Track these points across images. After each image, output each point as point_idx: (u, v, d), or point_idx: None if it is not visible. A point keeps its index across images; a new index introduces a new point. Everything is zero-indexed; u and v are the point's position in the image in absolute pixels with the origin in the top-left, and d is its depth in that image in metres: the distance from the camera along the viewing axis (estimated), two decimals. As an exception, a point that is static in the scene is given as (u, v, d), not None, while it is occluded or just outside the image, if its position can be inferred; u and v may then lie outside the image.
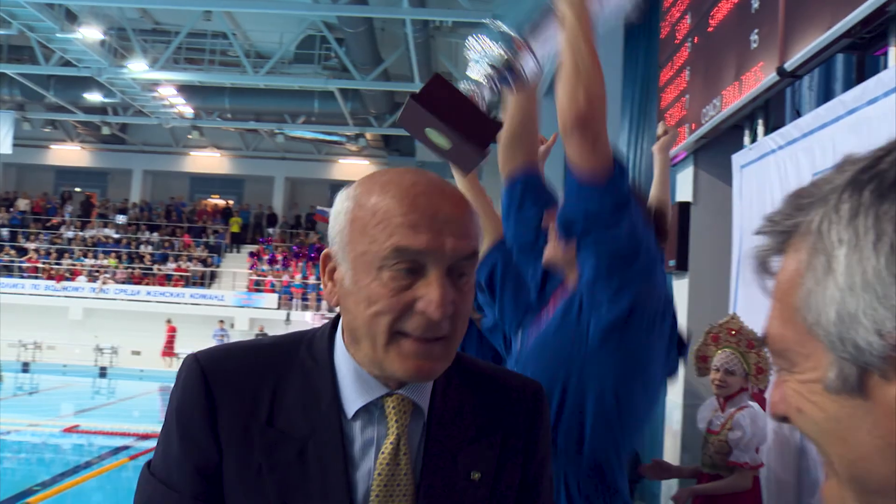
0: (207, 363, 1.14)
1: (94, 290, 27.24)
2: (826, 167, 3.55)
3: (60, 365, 24.26)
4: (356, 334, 1.10)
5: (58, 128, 29.89)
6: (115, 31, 20.11)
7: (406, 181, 1.09)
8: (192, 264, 28.90)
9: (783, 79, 3.94)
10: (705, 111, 5.05)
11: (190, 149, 31.44)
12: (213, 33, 21.60)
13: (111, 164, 32.50)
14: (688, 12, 5.59)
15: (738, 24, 4.50)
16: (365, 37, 18.48)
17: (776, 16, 3.96)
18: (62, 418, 15.13)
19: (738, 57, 4.49)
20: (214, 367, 1.14)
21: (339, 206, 1.12)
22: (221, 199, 33.34)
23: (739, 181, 4.67)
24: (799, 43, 3.71)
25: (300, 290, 27.26)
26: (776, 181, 4.08)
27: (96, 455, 11.85)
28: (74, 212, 31.72)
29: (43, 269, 28.15)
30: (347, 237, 1.08)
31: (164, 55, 20.62)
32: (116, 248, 29.52)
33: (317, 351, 1.15)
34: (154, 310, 26.58)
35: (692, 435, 4.93)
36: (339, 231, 1.10)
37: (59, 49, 19.11)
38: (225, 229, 30.98)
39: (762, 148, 4.31)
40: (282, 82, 22.45)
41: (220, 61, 22.34)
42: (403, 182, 1.09)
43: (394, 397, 1.12)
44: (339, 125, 26.30)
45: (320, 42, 21.57)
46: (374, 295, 1.05)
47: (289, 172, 32.20)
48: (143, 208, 31.85)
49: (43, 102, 25.38)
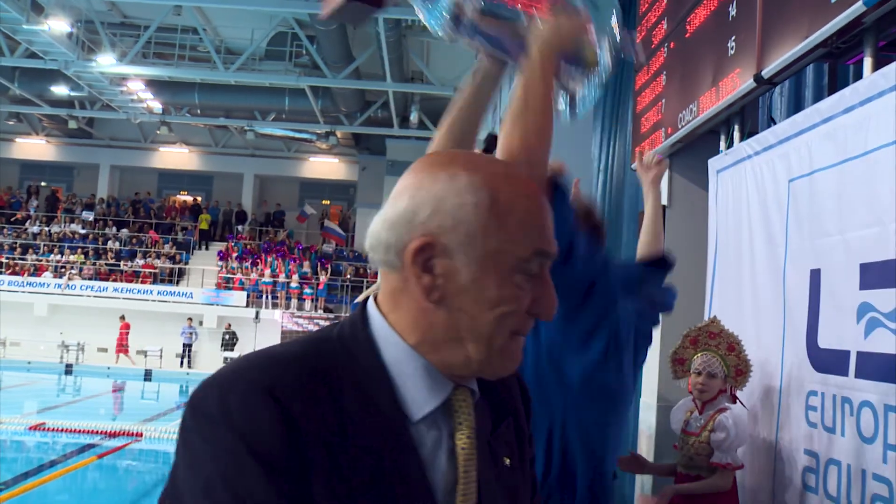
0: (267, 380, 0.96)
1: (60, 287, 26.87)
2: (802, 174, 3.62)
3: (25, 362, 23.91)
4: (461, 334, 1.01)
5: (23, 121, 29.47)
6: (83, 23, 19.86)
7: (522, 175, 1.06)
8: (161, 261, 28.63)
9: (760, 86, 4.00)
10: (681, 116, 5.11)
11: (158, 144, 31.14)
12: (182, 28, 21.41)
13: (78, 159, 32.11)
14: (664, 17, 5.65)
15: (716, 31, 4.57)
16: (336, 35, 18.44)
17: (754, 23, 4.03)
18: (27, 416, 14.91)
19: (715, 63, 4.55)
20: (278, 384, 0.96)
21: (461, 195, 1.01)
22: (190, 196, 33.07)
23: (716, 185, 4.73)
24: (776, 51, 3.77)
25: (269, 286, 27.11)
26: (752, 186, 4.15)
27: (63, 453, 11.72)
28: (40, 206, 31.27)
29: (7, 264, 27.71)
30: (478, 231, 0.99)
31: (133, 49, 20.41)
32: (83, 243, 29.15)
33: (359, 353, 1.03)
34: (121, 306, 26.27)
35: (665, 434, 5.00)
36: (460, 222, 0.99)
37: (25, 41, 18.83)
38: (194, 226, 30.72)
39: (738, 153, 4.37)
40: (252, 79, 22.33)
41: (189, 56, 22.16)
42: (521, 177, 1.06)
43: (461, 391, 1.06)
44: (310, 123, 26.20)
45: (292, 39, 21.48)
46: (505, 296, 1.00)
47: (258, 170, 32.02)
48: (111, 204, 31.48)
49: (7, 95, 25.00)
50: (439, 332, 1.02)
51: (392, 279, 1.05)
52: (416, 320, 1.03)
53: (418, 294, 1.02)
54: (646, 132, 5.97)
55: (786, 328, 3.66)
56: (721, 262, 4.63)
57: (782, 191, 3.80)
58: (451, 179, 1.01)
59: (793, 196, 3.70)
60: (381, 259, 1.04)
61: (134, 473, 11.50)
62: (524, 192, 1.03)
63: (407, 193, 1.03)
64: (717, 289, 4.64)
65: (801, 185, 3.62)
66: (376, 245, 1.04)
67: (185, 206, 32.21)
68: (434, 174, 1.03)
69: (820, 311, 3.34)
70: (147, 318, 26.00)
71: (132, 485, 10.71)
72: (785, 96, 5.15)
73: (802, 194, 3.59)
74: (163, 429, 13.63)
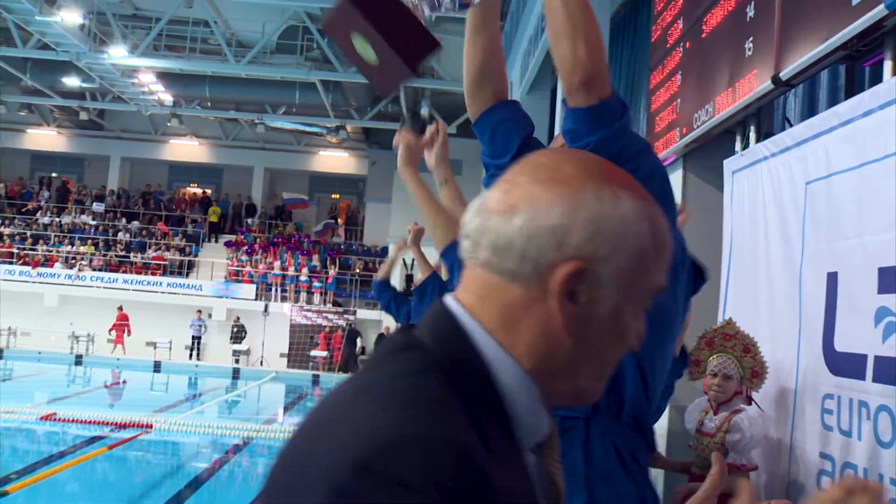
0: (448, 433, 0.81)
1: (71, 277, 26.99)
2: (820, 176, 3.62)
3: (35, 352, 24.04)
4: (580, 364, 0.92)
5: (34, 112, 29.56)
6: (95, 15, 19.90)
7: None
8: (170, 253, 28.72)
9: (777, 87, 4.00)
10: (697, 116, 5.11)
11: (169, 136, 31.21)
12: (194, 21, 21.44)
13: (88, 150, 32.21)
14: (680, 17, 5.65)
15: (733, 32, 4.56)
16: (349, 28, 18.41)
17: (772, 25, 4.02)
18: (38, 406, 15.00)
19: (731, 64, 4.55)
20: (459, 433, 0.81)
21: (625, 223, 0.90)
22: (200, 189, 33.14)
23: (731, 186, 4.73)
24: (794, 52, 3.77)
25: (279, 277, 27.17)
26: (769, 188, 4.15)
27: (75, 444, 11.79)
28: (51, 197, 31.39)
29: (18, 254, 27.84)
30: (634, 263, 0.90)
31: (145, 42, 20.46)
32: (93, 235, 29.27)
33: (476, 381, 0.89)
34: (131, 298, 26.38)
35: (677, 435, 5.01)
36: (620, 251, 0.89)
37: (38, 32, 18.89)
38: (203, 219, 30.80)
39: (754, 154, 4.37)
40: (263, 72, 22.35)
41: (201, 49, 22.20)
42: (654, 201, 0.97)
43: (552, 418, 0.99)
44: (320, 117, 26.23)
45: (303, 33, 21.48)
46: (630, 330, 0.93)
47: (268, 163, 32.06)
48: (121, 195, 31.58)
49: (19, 86, 25.08)
50: (559, 361, 0.91)
51: (513, 293, 0.91)
52: (535, 345, 0.91)
53: (550, 319, 0.90)
54: (660, 131, 5.97)
55: (801, 331, 3.66)
56: (736, 263, 4.63)
57: (799, 193, 3.80)
58: (615, 202, 0.90)
59: (810, 198, 3.70)
60: (504, 266, 0.90)
61: (144, 465, 11.56)
62: (663, 224, 0.94)
63: (559, 206, 0.89)
64: (732, 290, 4.64)
65: (818, 188, 3.61)
66: (504, 249, 0.90)
67: (195, 199, 32.29)
68: (597, 191, 0.90)
69: (836, 314, 3.34)
70: (156, 310, 26.09)
71: (142, 476, 10.77)
72: (799, 97, 5.15)
73: (820, 197, 3.59)
74: (172, 420, 13.70)
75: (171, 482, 10.36)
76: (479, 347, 0.90)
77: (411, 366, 0.87)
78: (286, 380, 23.62)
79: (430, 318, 0.94)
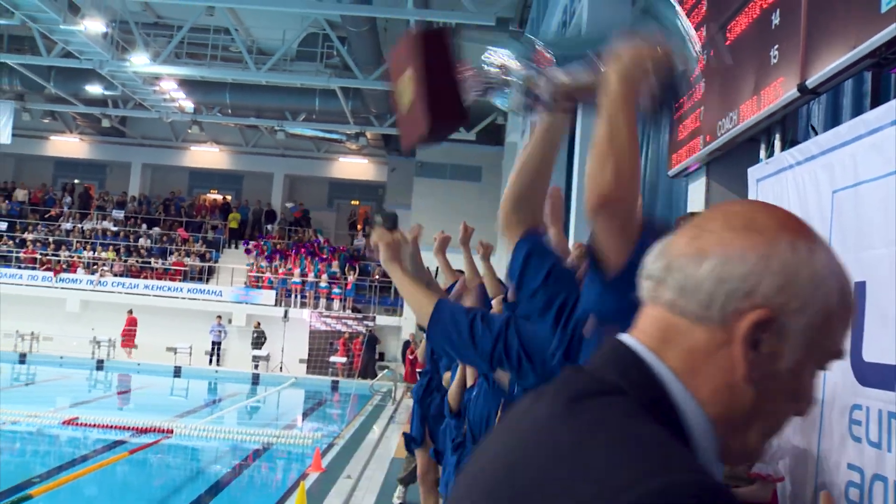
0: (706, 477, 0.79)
1: (92, 283, 27.21)
2: (847, 185, 3.58)
3: (57, 357, 24.25)
4: (753, 421, 0.91)
5: (57, 119, 29.88)
6: (118, 24, 20.10)
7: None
8: (191, 259, 28.89)
9: (804, 95, 3.97)
10: (720, 124, 5.08)
11: (190, 143, 31.45)
12: (215, 29, 21.62)
13: (110, 157, 32.51)
14: (704, 24, 5.63)
15: (758, 39, 4.54)
16: (368, 36, 18.51)
17: (798, 32, 4.00)
18: (60, 410, 15.12)
19: (756, 71, 4.52)
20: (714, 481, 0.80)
21: (818, 278, 0.88)
22: (220, 195, 33.35)
23: (755, 195, 4.69)
24: (821, 60, 3.74)
25: (298, 286, 27.25)
26: (794, 196, 4.11)
27: (96, 448, 11.86)
28: (73, 203, 31.69)
29: (41, 260, 28.11)
30: (822, 320, 0.88)
31: (167, 49, 20.64)
32: (115, 241, 29.50)
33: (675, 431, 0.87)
34: (151, 303, 26.56)
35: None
36: (810, 305, 0.88)
37: (62, 41, 19.10)
38: (223, 225, 30.98)
39: (779, 163, 4.34)
40: (283, 79, 22.48)
41: (221, 57, 22.37)
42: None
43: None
44: (340, 123, 26.34)
45: (323, 40, 21.61)
46: (805, 390, 0.91)
47: (288, 169, 32.22)
48: (142, 202, 31.83)
49: (43, 93, 25.36)
50: (737, 412, 0.90)
51: (697, 337, 0.89)
52: (718, 393, 0.89)
53: (733, 367, 0.88)
54: (683, 139, 5.94)
55: (828, 340, 3.62)
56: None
57: (826, 202, 3.76)
58: (809, 256, 0.89)
59: (837, 207, 3.66)
60: (689, 308, 0.90)
61: (164, 469, 11.62)
62: (852, 283, 0.93)
63: (752, 253, 0.88)
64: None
65: (845, 197, 3.58)
66: (691, 291, 0.89)
67: (216, 205, 32.49)
68: (792, 243, 0.89)
69: (864, 324, 3.30)
70: (176, 316, 26.24)
71: (162, 480, 10.83)
72: (823, 104, 5.10)
73: (847, 206, 3.56)
74: (192, 425, 13.76)
75: (191, 487, 10.41)
76: (670, 392, 0.89)
77: (626, 410, 0.86)
78: (305, 385, 23.70)
79: (613, 358, 0.93)
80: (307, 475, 9.72)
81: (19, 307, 25.42)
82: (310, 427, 16.33)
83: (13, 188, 31.68)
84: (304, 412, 20.11)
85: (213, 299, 26.98)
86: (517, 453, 0.88)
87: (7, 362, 22.35)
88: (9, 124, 24.90)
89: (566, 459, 0.82)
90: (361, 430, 14.07)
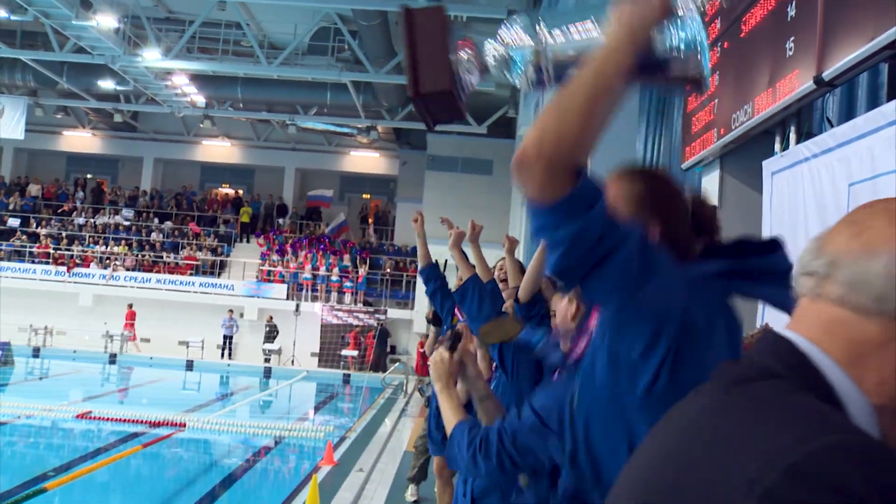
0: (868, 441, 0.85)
1: (105, 277, 27.34)
2: (864, 178, 3.56)
3: (71, 351, 24.39)
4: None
5: (70, 114, 29.97)
6: (130, 19, 20.15)
7: None
8: (202, 253, 28.99)
9: (820, 88, 3.93)
10: (735, 116, 5.05)
11: (201, 138, 31.52)
12: (226, 23, 21.63)
13: (122, 152, 32.63)
14: (717, 17, 5.59)
15: (773, 31, 4.50)
16: (379, 30, 18.49)
17: (814, 24, 3.96)
18: (73, 404, 15.21)
19: (772, 64, 4.49)
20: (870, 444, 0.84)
21: None
22: (232, 189, 33.42)
23: (770, 188, 4.67)
24: (838, 52, 3.71)
25: (310, 281, 27.30)
26: (810, 189, 4.09)
27: (110, 442, 11.93)
28: (86, 198, 31.83)
29: (54, 255, 28.26)
30: None
31: (178, 44, 20.68)
32: (127, 235, 29.62)
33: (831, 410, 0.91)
34: (164, 297, 26.67)
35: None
36: None
37: (74, 36, 19.16)
38: (235, 219, 31.05)
39: (795, 155, 4.31)
40: (294, 74, 22.48)
41: (233, 51, 22.39)
42: None
43: None
44: (351, 117, 26.34)
45: (334, 34, 21.59)
46: None
47: (299, 163, 32.25)
48: (154, 196, 31.94)
49: (56, 89, 25.45)
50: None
51: (865, 329, 0.92)
52: (883, 384, 0.92)
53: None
54: (697, 132, 5.91)
55: (844, 334, 3.59)
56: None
57: (842, 195, 3.74)
58: None
59: (853, 200, 3.64)
60: (858, 302, 0.92)
61: (177, 462, 11.68)
62: None
63: None
64: (771, 292, 4.57)
65: (862, 190, 3.56)
66: (861, 285, 0.92)
67: (227, 199, 32.56)
68: None
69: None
70: (189, 310, 26.35)
71: (176, 473, 10.88)
72: (837, 96, 5.06)
73: (864, 199, 3.50)
74: (205, 419, 13.82)
75: (204, 480, 10.46)
76: (829, 379, 0.92)
77: (786, 389, 0.91)
78: (317, 379, 23.76)
79: (773, 348, 0.97)
80: (319, 468, 9.74)
81: (33, 301, 25.60)
82: (322, 420, 16.38)
83: (26, 183, 31.84)
84: (315, 405, 20.17)
85: (224, 293, 27.07)
86: (678, 441, 0.92)
87: (21, 356, 22.50)
88: (22, 120, 25.01)
89: (728, 437, 0.87)
90: (373, 424, 14.09)
